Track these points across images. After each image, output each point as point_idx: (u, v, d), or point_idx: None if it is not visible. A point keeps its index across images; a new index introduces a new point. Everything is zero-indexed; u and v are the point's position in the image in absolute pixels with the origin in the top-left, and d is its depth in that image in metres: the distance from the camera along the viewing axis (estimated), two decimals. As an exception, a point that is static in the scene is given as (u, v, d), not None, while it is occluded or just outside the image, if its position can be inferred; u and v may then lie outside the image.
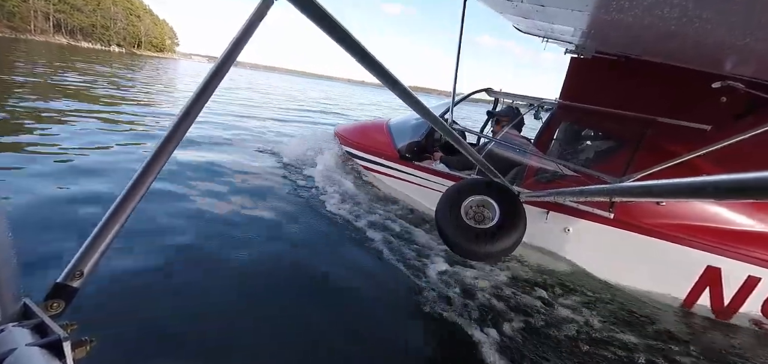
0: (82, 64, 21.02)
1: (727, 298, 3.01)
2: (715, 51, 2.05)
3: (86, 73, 16.45)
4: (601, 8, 1.84)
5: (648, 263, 3.18)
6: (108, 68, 20.97)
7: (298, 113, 14.86)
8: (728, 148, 2.44)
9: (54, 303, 0.76)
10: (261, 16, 1.10)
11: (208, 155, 5.68)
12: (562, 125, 3.84)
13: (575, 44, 3.40)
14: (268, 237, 3.40)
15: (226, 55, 1.06)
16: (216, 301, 2.47)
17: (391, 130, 4.87)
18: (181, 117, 0.98)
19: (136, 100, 10.77)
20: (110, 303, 2.23)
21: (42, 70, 14.61)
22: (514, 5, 2.30)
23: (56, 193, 3.57)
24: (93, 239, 0.84)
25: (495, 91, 4.92)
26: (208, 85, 1.02)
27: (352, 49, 1.24)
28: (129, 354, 1.95)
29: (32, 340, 0.56)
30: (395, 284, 3.01)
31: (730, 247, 2.94)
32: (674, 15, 1.49)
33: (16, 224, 2.85)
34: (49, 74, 13.69)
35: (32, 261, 2.45)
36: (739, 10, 1.27)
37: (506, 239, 2.46)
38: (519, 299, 2.92)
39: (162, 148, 0.95)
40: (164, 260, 2.78)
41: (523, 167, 3.66)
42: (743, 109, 2.85)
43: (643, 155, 3.14)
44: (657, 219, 3.09)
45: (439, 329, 2.59)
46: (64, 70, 16.03)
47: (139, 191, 0.91)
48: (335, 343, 2.31)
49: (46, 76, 12.88)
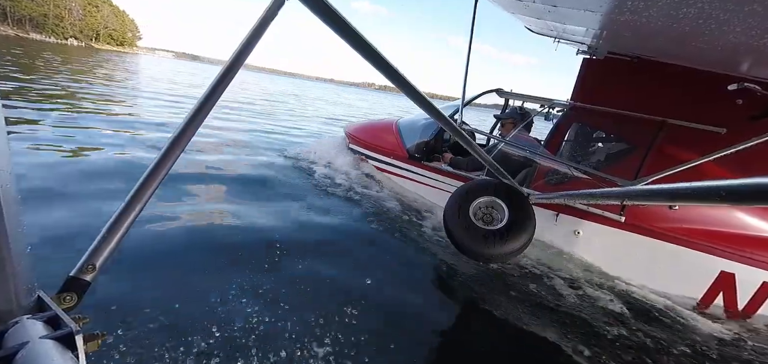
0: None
1: (741, 304, 2.95)
2: (732, 52, 2.02)
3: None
4: (614, 9, 1.82)
5: (659, 268, 3.13)
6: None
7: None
8: (744, 152, 2.39)
9: (67, 296, 0.78)
10: (272, 15, 1.11)
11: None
12: (573, 127, 3.80)
13: (587, 45, 3.37)
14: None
15: (238, 53, 1.08)
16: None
17: (401, 131, 4.88)
18: (193, 114, 1.01)
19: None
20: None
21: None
22: (525, 5, 2.29)
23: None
24: (106, 232, 0.86)
25: (505, 91, 4.89)
26: (220, 82, 1.05)
27: (364, 50, 1.25)
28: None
29: (45, 332, 0.57)
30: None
31: (744, 252, 2.87)
32: (690, 15, 1.47)
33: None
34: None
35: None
36: (756, 10, 1.25)
37: (515, 241, 2.45)
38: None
39: (174, 143, 0.97)
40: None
41: (532, 169, 3.63)
42: (760, 111, 2.79)
43: (655, 158, 3.09)
44: (669, 223, 3.04)
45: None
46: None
47: (152, 185, 0.93)
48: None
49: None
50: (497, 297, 2.87)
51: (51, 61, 18.65)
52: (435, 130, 4.60)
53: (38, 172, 3.81)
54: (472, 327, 2.71)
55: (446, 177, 4.21)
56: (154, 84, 17.14)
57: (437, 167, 4.34)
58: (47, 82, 10.75)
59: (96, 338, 0.65)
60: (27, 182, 3.54)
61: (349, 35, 1.18)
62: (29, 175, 3.68)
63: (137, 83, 16.28)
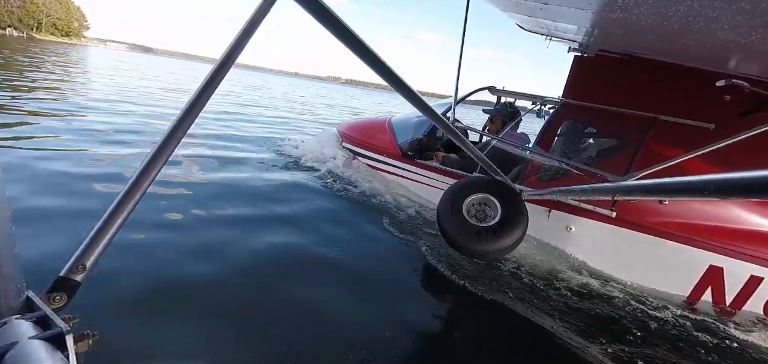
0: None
1: (730, 297, 3.00)
2: (720, 49, 2.05)
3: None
4: (605, 6, 1.84)
5: (650, 262, 3.17)
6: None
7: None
8: (732, 147, 2.43)
9: (56, 296, 0.77)
10: (264, 13, 1.10)
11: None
12: (565, 123, 3.83)
13: (579, 42, 3.39)
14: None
15: (229, 52, 1.06)
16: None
17: (393, 128, 4.88)
18: (183, 115, 0.99)
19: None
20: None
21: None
22: (517, 3, 2.30)
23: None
24: (96, 232, 0.84)
25: (497, 89, 4.91)
26: (210, 82, 1.03)
27: (356, 47, 1.24)
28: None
29: (35, 333, 0.56)
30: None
31: (732, 246, 2.93)
32: (679, 13, 1.49)
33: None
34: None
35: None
36: (744, 7, 1.26)
37: (508, 237, 2.47)
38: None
39: (164, 144, 0.96)
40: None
41: (525, 165, 3.65)
42: (747, 107, 2.83)
43: (645, 154, 3.13)
44: (659, 218, 3.09)
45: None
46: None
47: (142, 186, 0.92)
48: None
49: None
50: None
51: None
52: (428, 128, 4.60)
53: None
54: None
55: (439, 175, 4.22)
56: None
57: (430, 165, 4.34)
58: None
59: (87, 338, 0.65)
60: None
61: (343, 34, 1.17)
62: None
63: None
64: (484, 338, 2.55)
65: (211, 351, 1.99)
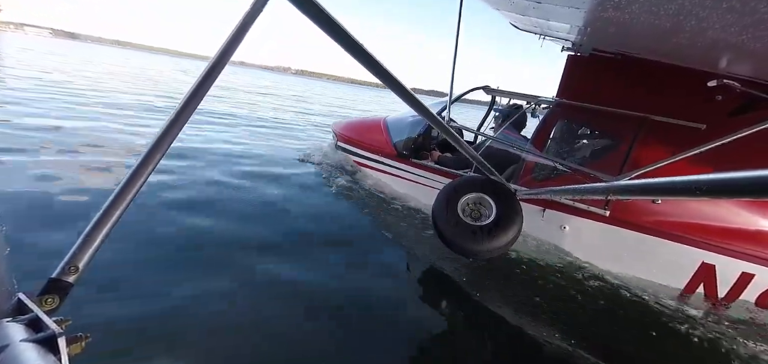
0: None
1: (721, 294, 3.03)
2: (711, 49, 2.06)
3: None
4: (597, 5, 1.84)
5: (643, 260, 3.19)
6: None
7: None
8: (723, 147, 2.45)
9: (48, 298, 0.75)
10: (257, 12, 1.09)
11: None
12: (559, 123, 3.84)
13: (572, 42, 3.40)
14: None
15: (222, 51, 1.05)
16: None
17: (389, 128, 4.87)
18: (175, 116, 0.98)
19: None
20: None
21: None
22: (510, 2, 2.30)
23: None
24: (88, 233, 0.83)
25: (492, 88, 4.91)
26: (203, 83, 1.01)
27: (351, 47, 1.23)
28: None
29: (26, 336, 0.55)
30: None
31: (724, 244, 2.96)
32: (670, 12, 1.50)
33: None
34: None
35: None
36: (734, 6, 1.27)
37: (503, 237, 2.47)
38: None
39: (156, 145, 0.95)
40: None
41: (519, 165, 3.66)
42: (738, 107, 2.86)
43: (638, 153, 3.15)
44: (652, 217, 3.11)
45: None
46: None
47: (134, 186, 0.91)
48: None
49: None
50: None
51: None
52: (423, 128, 4.59)
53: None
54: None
55: (434, 174, 4.21)
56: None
57: (425, 164, 4.34)
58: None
59: (79, 340, 0.63)
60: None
61: (338, 34, 1.16)
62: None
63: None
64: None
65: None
